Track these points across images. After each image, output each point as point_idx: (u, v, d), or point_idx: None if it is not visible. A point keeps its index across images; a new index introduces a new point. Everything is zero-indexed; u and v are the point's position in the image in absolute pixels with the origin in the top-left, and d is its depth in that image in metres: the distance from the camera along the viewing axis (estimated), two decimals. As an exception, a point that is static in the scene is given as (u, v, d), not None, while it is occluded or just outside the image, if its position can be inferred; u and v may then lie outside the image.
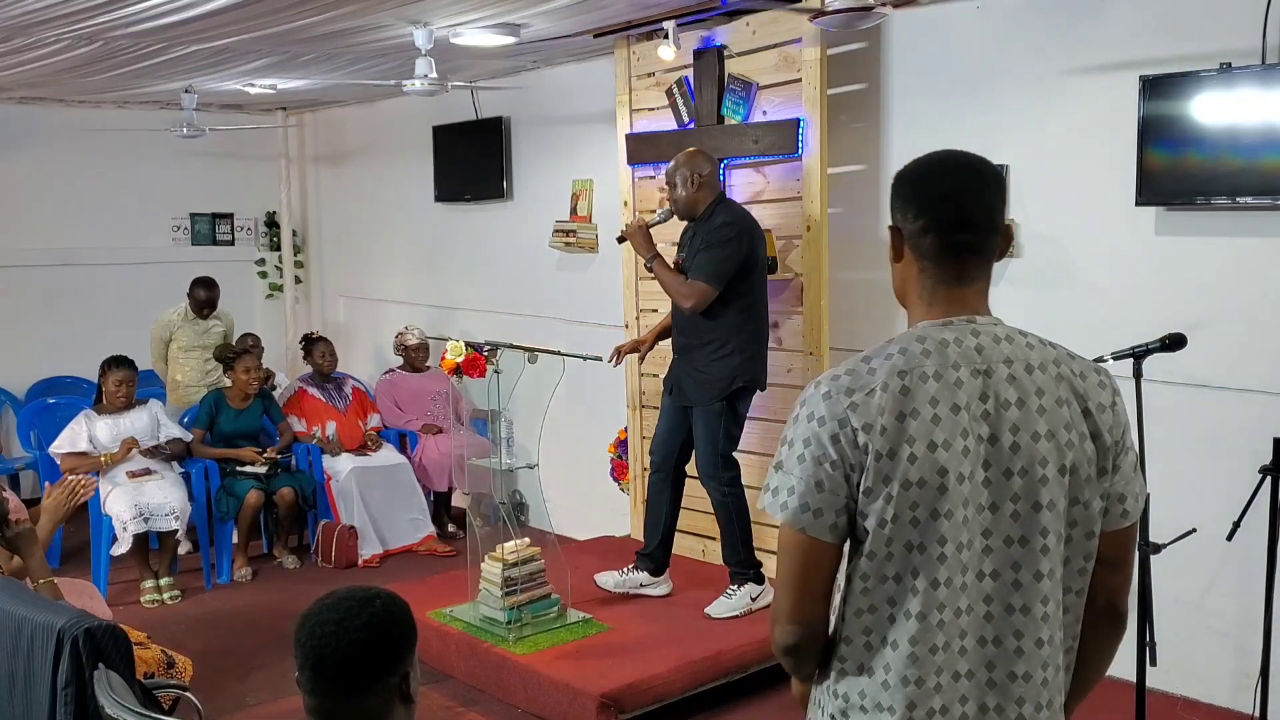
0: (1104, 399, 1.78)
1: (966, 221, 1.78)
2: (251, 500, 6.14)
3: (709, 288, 4.54)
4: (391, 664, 1.90)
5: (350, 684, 1.87)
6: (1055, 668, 1.78)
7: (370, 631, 1.88)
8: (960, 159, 1.86)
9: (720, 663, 4.39)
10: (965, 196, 1.80)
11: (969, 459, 1.70)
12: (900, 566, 1.71)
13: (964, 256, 1.78)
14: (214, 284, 6.94)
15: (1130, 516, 1.81)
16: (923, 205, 1.80)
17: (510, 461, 4.91)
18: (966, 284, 1.79)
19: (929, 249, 1.79)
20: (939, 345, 1.73)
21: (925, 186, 1.81)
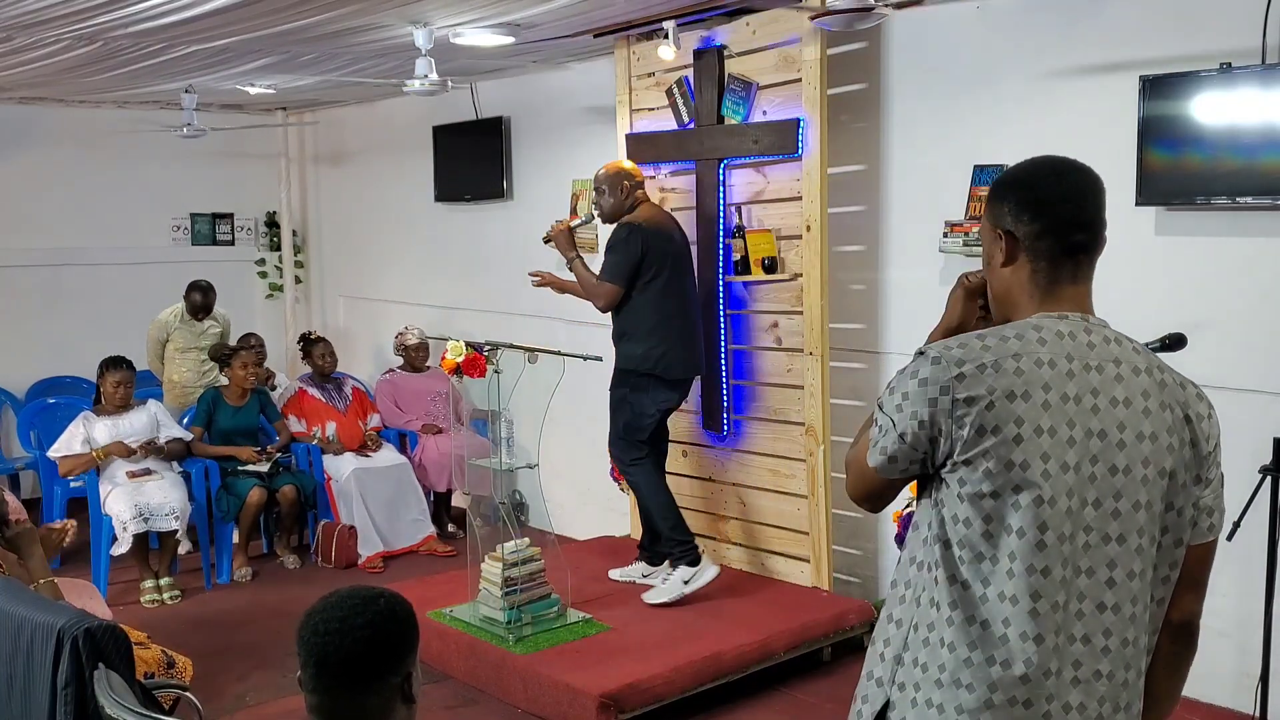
0: (1202, 410, 1.81)
1: (1084, 222, 1.82)
2: (254, 499, 6.14)
3: (611, 287, 4.90)
4: (394, 663, 1.91)
5: (353, 682, 1.87)
6: (1138, 671, 1.80)
7: (374, 630, 1.89)
8: (1067, 164, 1.92)
9: (720, 663, 4.39)
10: (1081, 199, 1.85)
11: (1075, 450, 1.71)
12: (995, 546, 1.72)
13: (1078, 256, 1.82)
14: (210, 288, 6.94)
15: (1215, 530, 1.84)
16: (1041, 209, 1.83)
17: (510, 461, 4.91)
18: (1080, 283, 1.83)
19: (1046, 250, 1.82)
20: (1055, 335, 1.77)
21: (1042, 190, 1.86)
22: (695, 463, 5.54)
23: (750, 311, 5.26)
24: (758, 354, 5.26)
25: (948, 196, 4.74)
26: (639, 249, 4.83)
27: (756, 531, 5.31)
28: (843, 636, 4.81)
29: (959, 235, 4.63)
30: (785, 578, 5.15)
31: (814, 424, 4.98)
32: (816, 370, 4.94)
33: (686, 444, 5.57)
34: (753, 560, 5.33)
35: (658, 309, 4.89)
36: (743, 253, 5.09)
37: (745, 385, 5.32)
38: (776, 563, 5.22)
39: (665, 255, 4.88)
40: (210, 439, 6.37)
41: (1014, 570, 1.71)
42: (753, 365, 5.28)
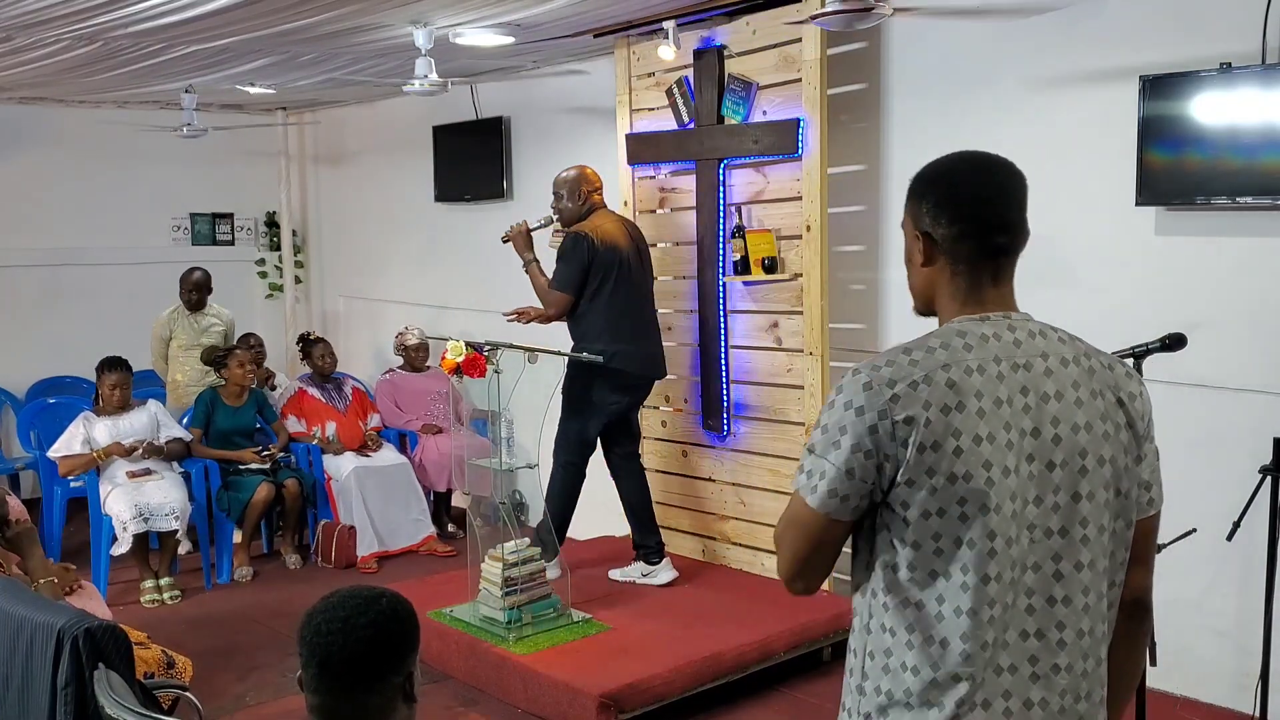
0: (1133, 388, 1.81)
1: (1006, 225, 1.81)
2: (261, 495, 6.13)
3: (561, 295, 5.02)
4: (396, 662, 1.91)
5: (355, 681, 1.88)
6: (1096, 659, 1.79)
7: (376, 629, 1.89)
8: (988, 161, 1.89)
9: (720, 663, 4.39)
10: (1003, 200, 1.83)
11: (1013, 452, 1.71)
12: (947, 562, 1.71)
13: (999, 259, 1.80)
14: (199, 271, 6.94)
15: (1155, 505, 1.84)
16: (960, 210, 1.81)
17: (510, 461, 4.92)
18: (1002, 283, 1.81)
19: (966, 254, 1.80)
20: (980, 340, 1.75)
21: (962, 191, 1.83)
22: (695, 463, 5.54)
23: (750, 311, 5.26)
24: (758, 354, 5.26)
25: (948, 196, 4.73)
26: (586, 258, 4.94)
27: (756, 531, 5.31)
28: (843, 636, 4.78)
29: (959, 235, 4.62)
30: (785, 578, 5.14)
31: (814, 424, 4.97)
32: (816, 370, 4.94)
33: (686, 444, 5.57)
34: (752, 560, 5.33)
35: (608, 314, 4.99)
36: (743, 253, 5.09)
37: (745, 385, 5.32)
38: (776, 562, 5.20)
39: (612, 264, 4.97)
40: (209, 439, 6.37)
41: (967, 583, 1.69)
42: (753, 365, 5.28)
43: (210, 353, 6.67)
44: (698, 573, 5.31)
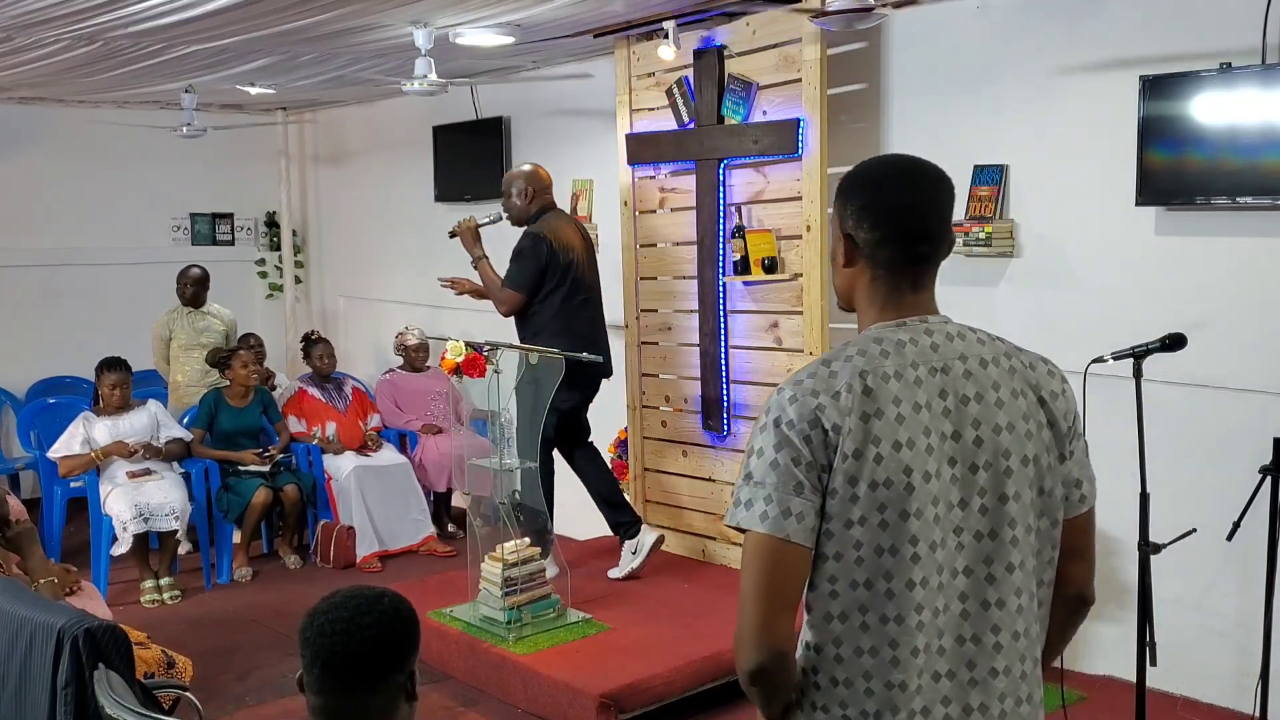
0: (1055, 387, 1.80)
1: (927, 234, 1.78)
2: (259, 499, 6.14)
3: (515, 294, 5.08)
4: (399, 662, 1.92)
5: (359, 681, 1.88)
6: (1033, 660, 1.78)
7: (380, 629, 1.90)
8: (915, 167, 1.83)
9: (720, 663, 4.39)
10: (927, 208, 1.79)
11: (934, 457, 1.70)
12: (871, 571, 1.69)
13: (921, 267, 1.80)
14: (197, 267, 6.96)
15: (1087, 501, 1.83)
16: (882, 216, 1.77)
17: (510, 461, 4.91)
18: (921, 290, 1.81)
19: (886, 260, 1.78)
20: (896, 346, 1.74)
21: (886, 198, 1.78)
22: (695, 463, 5.54)
23: (750, 311, 5.26)
24: (758, 354, 5.26)
25: (948, 196, 4.73)
26: (543, 259, 5.01)
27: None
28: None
29: (959, 235, 4.63)
30: (785, 578, 5.14)
31: (814, 424, 4.97)
32: (816, 370, 4.93)
33: (687, 444, 5.57)
34: (753, 560, 5.32)
35: (562, 314, 5.08)
36: (743, 253, 5.08)
37: (745, 385, 5.32)
38: (776, 563, 5.20)
39: (568, 266, 5.07)
40: (212, 440, 6.37)
41: (893, 590, 1.68)
42: (753, 365, 5.28)
43: (214, 354, 6.68)
44: (698, 573, 5.31)
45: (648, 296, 5.67)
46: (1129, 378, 3.39)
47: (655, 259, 5.62)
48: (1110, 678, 4.45)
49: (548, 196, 5.22)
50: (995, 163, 4.62)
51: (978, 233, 4.57)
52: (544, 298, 5.07)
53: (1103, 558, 4.41)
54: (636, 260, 5.68)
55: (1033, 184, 4.56)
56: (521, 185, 5.18)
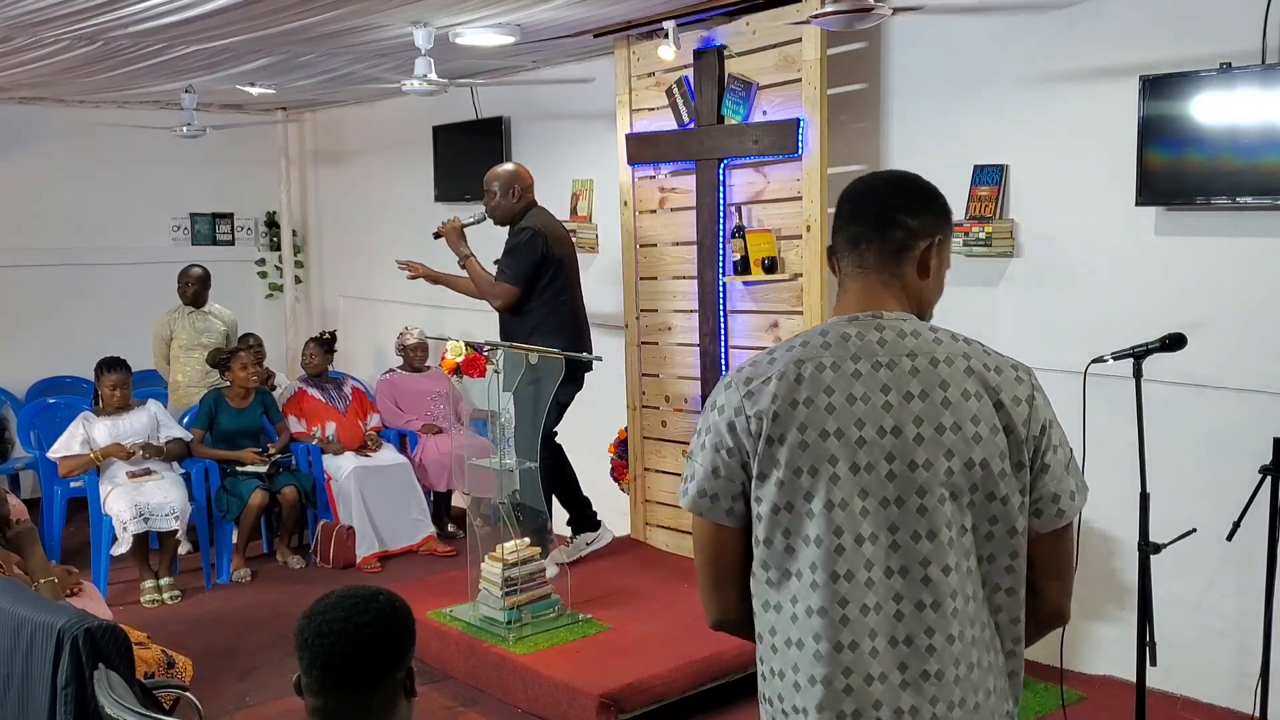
0: (1020, 393, 1.77)
1: (859, 214, 1.86)
2: (256, 501, 6.14)
3: (511, 288, 5.12)
4: (397, 659, 1.93)
5: (359, 681, 1.89)
6: (969, 664, 1.73)
7: (378, 627, 1.91)
8: (886, 172, 1.97)
9: (720, 663, 4.39)
10: (865, 194, 1.88)
11: (865, 450, 1.69)
12: (797, 560, 1.70)
13: (860, 246, 1.84)
14: (198, 267, 6.97)
15: (1066, 516, 1.79)
16: (838, 211, 1.90)
17: (510, 461, 4.91)
18: (869, 274, 1.83)
19: (839, 247, 1.88)
20: (840, 338, 1.77)
21: (843, 196, 1.91)
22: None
23: (750, 311, 5.26)
24: (758, 354, 5.25)
25: (948, 196, 4.70)
26: (540, 252, 5.08)
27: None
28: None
29: (959, 235, 4.63)
30: (785, 578, 5.14)
31: (814, 424, 4.97)
32: (816, 370, 4.94)
33: (687, 444, 5.55)
34: (753, 560, 5.32)
35: (557, 309, 5.17)
36: (743, 253, 5.08)
37: (745, 385, 5.32)
38: (776, 563, 5.21)
39: (562, 260, 5.19)
40: (212, 440, 6.37)
41: (817, 581, 1.68)
42: (753, 365, 5.28)
43: (214, 355, 6.68)
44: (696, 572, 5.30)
45: (647, 296, 5.67)
46: (1129, 378, 3.39)
47: (655, 259, 5.61)
48: (1110, 678, 4.45)
49: (530, 194, 5.30)
50: (995, 163, 4.62)
51: (978, 233, 4.57)
52: (539, 292, 5.13)
53: (1103, 558, 4.41)
54: (636, 260, 5.68)
55: (1033, 184, 4.56)
56: (507, 183, 5.22)
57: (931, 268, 1.86)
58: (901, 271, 1.84)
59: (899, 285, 1.83)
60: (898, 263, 1.83)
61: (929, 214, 1.87)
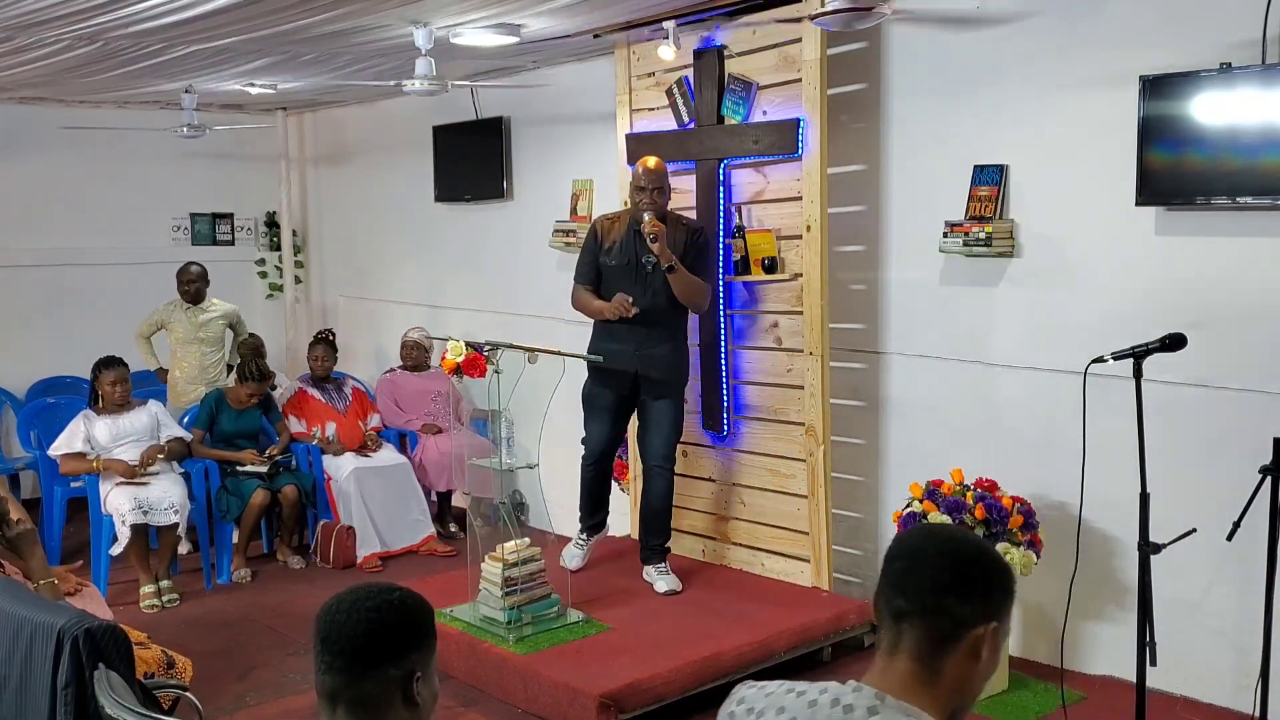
0: None
1: (905, 587, 1.66)
2: (257, 500, 6.14)
3: (709, 288, 4.97)
4: (394, 653, 1.92)
5: (352, 662, 1.90)
6: None
7: (379, 614, 1.93)
8: (936, 534, 1.77)
9: (720, 663, 4.39)
10: (912, 558, 1.69)
11: None
12: None
13: (900, 625, 1.66)
14: (193, 268, 6.98)
15: None
16: (883, 569, 1.72)
17: (510, 461, 4.91)
18: (896, 655, 1.66)
19: (880, 607, 1.71)
20: (829, 702, 1.64)
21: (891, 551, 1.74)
22: (695, 463, 5.54)
23: (750, 311, 5.26)
24: (758, 354, 5.26)
25: (948, 196, 4.74)
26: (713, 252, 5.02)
27: (756, 531, 5.31)
28: (843, 636, 4.81)
29: (959, 235, 4.63)
30: (785, 578, 5.15)
31: (814, 424, 4.98)
32: (816, 370, 4.94)
33: (686, 444, 5.56)
34: (752, 560, 5.33)
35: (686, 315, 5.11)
36: (743, 253, 5.09)
37: (745, 385, 5.32)
38: (776, 563, 5.22)
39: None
40: (212, 441, 6.37)
41: None
42: (753, 365, 5.28)
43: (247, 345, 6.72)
44: (698, 573, 5.31)
45: (648, 296, 5.66)
46: (1129, 378, 3.39)
47: (655, 259, 5.61)
48: (1110, 678, 4.45)
49: None
50: (995, 163, 4.62)
51: (978, 233, 4.57)
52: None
53: (1103, 558, 4.42)
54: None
55: (1033, 184, 4.56)
56: (668, 180, 4.96)
57: (983, 656, 1.65)
58: (942, 665, 1.64)
59: (931, 678, 1.64)
60: (939, 654, 1.63)
61: (988, 596, 1.66)
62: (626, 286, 4.92)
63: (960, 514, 4.24)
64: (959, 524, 4.22)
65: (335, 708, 1.92)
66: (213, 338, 7.00)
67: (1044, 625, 4.64)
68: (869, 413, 5.23)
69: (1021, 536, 4.28)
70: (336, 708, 1.92)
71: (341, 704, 1.92)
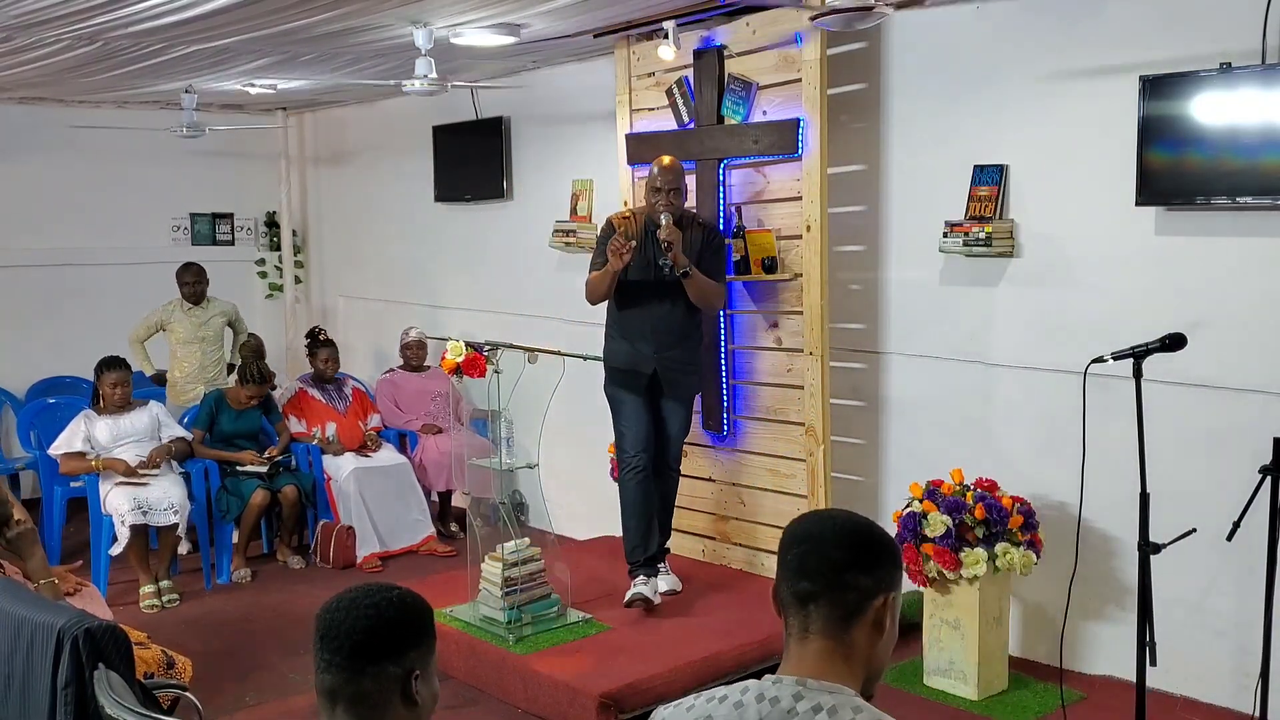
0: None
1: (809, 570, 1.72)
2: (257, 500, 6.14)
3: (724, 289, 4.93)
4: (393, 650, 1.93)
5: (351, 659, 1.91)
6: None
7: (378, 612, 1.94)
8: (824, 519, 1.81)
9: (720, 663, 4.39)
10: (813, 543, 1.75)
11: None
12: None
13: (808, 608, 1.71)
14: (195, 268, 6.99)
15: None
16: (782, 555, 1.77)
17: (510, 461, 4.91)
18: (810, 638, 1.71)
19: (783, 597, 1.75)
20: (754, 699, 1.68)
21: (786, 536, 1.79)
22: (695, 463, 5.54)
23: (750, 311, 5.26)
24: (758, 354, 5.26)
25: (948, 196, 4.74)
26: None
27: (756, 531, 5.31)
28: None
29: (959, 235, 4.63)
30: (785, 578, 5.14)
31: (814, 424, 4.98)
32: (816, 370, 4.94)
33: (687, 444, 5.55)
34: (753, 560, 5.33)
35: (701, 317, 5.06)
36: (743, 253, 5.09)
37: (745, 385, 5.32)
38: (776, 563, 5.20)
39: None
40: (212, 441, 6.37)
41: None
42: (753, 365, 5.28)
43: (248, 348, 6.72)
44: (698, 573, 5.31)
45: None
46: (1129, 378, 3.39)
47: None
48: (1110, 678, 4.45)
49: None
50: (995, 163, 4.62)
51: (978, 233, 4.57)
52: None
53: (1103, 558, 4.42)
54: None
55: (1033, 184, 4.56)
56: (684, 179, 4.87)
57: (886, 625, 1.73)
58: (851, 638, 1.71)
59: (845, 652, 1.71)
60: (847, 628, 1.71)
61: (882, 568, 1.74)
62: (643, 290, 4.82)
63: (960, 514, 4.24)
64: (958, 524, 4.23)
65: (334, 706, 1.93)
66: (213, 336, 7.01)
67: (1044, 625, 4.64)
68: (869, 413, 5.23)
69: (1021, 536, 4.28)
70: (336, 706, 1.92)
71: (340, 702, 1.92)
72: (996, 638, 4.37)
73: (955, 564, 4.20)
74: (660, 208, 4.72)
